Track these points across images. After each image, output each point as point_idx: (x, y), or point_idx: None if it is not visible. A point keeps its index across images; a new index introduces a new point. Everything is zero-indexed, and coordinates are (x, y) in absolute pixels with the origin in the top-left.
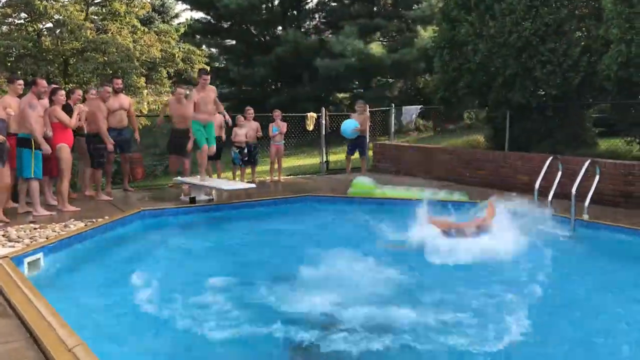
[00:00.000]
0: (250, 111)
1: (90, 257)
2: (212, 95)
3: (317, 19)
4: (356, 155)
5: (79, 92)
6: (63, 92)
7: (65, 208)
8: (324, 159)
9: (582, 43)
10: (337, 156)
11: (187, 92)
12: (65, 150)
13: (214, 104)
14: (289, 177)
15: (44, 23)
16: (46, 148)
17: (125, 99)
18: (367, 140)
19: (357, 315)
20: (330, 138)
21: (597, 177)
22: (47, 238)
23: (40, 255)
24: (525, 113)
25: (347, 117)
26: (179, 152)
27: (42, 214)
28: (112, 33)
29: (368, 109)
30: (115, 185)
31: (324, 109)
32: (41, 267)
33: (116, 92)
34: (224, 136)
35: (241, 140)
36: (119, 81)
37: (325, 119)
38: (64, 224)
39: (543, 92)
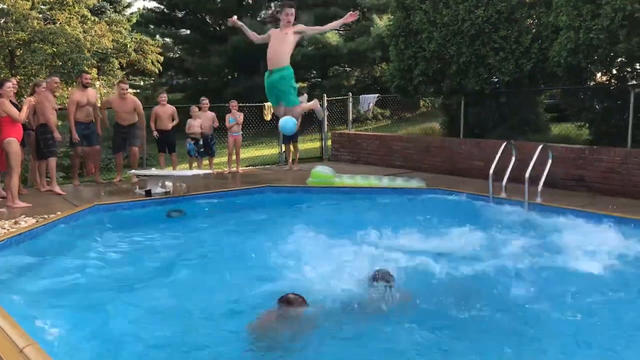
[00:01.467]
0: (205, 102)
1: (43, 255)
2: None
3: (273, 8)
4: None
5: (14, 81)
6: (10, 84)
7: (15, 204)
8: (283, 149)
9: (533, 30)
10: (299, 145)
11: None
12: (14, 145)
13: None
14: (248, 168)
15: None
16: None
17: (92, 93)
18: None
19: None
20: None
21: (550, 162)
22: None
23: None
24: (480, 100)
25: None
26: (123, 149)
27: None
28: (60, 23)
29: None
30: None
31: None
32: None
33: (85, 86)
34: (169, 127)
35: (196, 132)
36: (88, 76)
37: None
38: (14, 220)
39: (496, 79)
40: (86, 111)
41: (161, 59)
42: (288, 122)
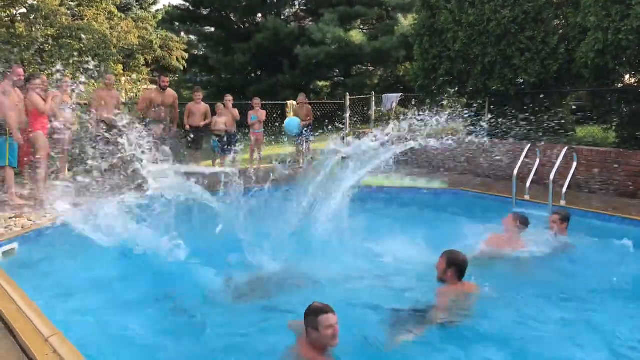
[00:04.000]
0: (229, 98)
1: (69, 248)
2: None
3: (297, 6)
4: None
5: (44, 77)
6: (39, 80)
7: (40, 195)
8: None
9: (560, 31)
10: (318, 144)
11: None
12: (40, 138)
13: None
14: (269, 165)
15: (17, 8)
16: (18, 138)
17: (170, 94)
18: (310, 131)
19: None
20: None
21: (575, 164)
22: (22, 227)
23: (15, 245)
24: (504, 100)
25: (327, 105)
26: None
27: (17, 202)
28: (88, 19)
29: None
30: None
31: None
32: (16, 256)
33: (163, 89)
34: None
35: (220, 129)
36: (166, 79)
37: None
38: (40, 213)
39: (521, 80)
40: (160, 112)
41: (186, 56)
42: (291, 122)
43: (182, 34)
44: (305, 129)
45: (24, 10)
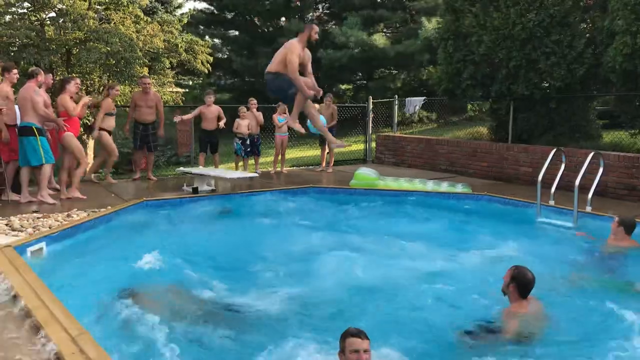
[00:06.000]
0: (254, 102)
1: (93, 247)
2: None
3: (321, 10)
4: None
5: (78, 80)
6: (74, 82)
7: (74, 194)
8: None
9: (587, 35)
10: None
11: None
12: (71, 139)
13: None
14: (292, 168)
15: (47, 12)
16: (61, 124)
17: (155, 96)
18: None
19: None
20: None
21: (601, 170)
22: (50, 227)
23: (43, 244)
24: (529, 105)
25: (350, 108)
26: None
27: (48, 200)
28: (115, 23)
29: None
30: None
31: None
32: (44, 256)
33: (146, 91)
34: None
35: (243, 132)
36: (148, 80)
37: None
38: (66, 213)
39: (547, 84)
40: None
41: (211, 59)
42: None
43: (207, 37)
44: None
45: (53, 14)
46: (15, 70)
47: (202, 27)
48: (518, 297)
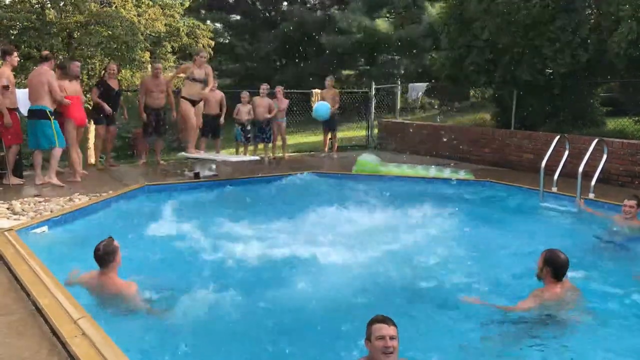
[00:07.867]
0: (265, 86)
1: (95, 231)
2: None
3: None
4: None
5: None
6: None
7: (75, 178)
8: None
9: (592, 20)
10: (343, 133)
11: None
12: (67, 125)
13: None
14: (294, 154)
15: None
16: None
17: (165, 80)
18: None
19: None
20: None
21: (605, 157)
22: (51, 211)
23: (45, 228)
24: (533, 91)
25: (352, 94)
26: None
27: (56, 182)
28: (116, 6)
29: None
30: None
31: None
32: (46, 239)
33: (157, 76)
34: (223, 112)
35: (243, 118)
36: (160, 65)
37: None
38: (68, 197)
39: (551, 70)
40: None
41: (212, 43)
42: (321, 107)
43: (208, 21)
44: (337, 112)
45: None
46: (15, 54)
47: (203, 12)
48: (552, 280)
